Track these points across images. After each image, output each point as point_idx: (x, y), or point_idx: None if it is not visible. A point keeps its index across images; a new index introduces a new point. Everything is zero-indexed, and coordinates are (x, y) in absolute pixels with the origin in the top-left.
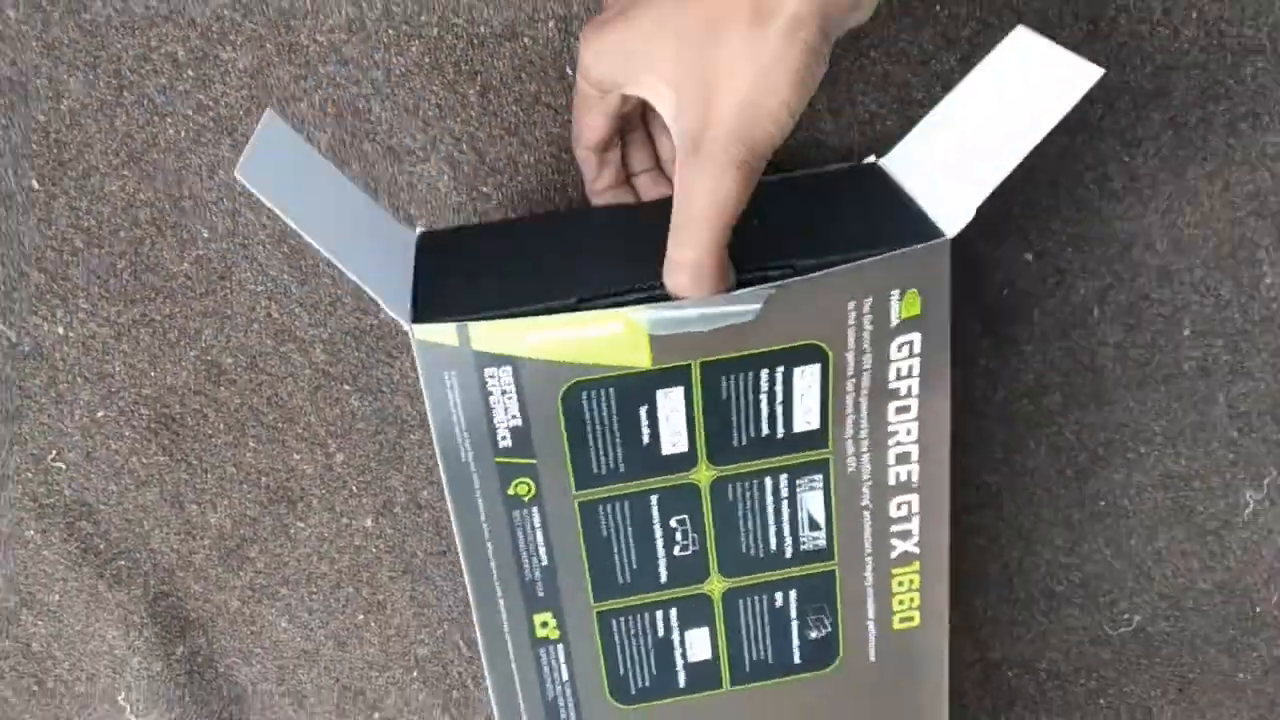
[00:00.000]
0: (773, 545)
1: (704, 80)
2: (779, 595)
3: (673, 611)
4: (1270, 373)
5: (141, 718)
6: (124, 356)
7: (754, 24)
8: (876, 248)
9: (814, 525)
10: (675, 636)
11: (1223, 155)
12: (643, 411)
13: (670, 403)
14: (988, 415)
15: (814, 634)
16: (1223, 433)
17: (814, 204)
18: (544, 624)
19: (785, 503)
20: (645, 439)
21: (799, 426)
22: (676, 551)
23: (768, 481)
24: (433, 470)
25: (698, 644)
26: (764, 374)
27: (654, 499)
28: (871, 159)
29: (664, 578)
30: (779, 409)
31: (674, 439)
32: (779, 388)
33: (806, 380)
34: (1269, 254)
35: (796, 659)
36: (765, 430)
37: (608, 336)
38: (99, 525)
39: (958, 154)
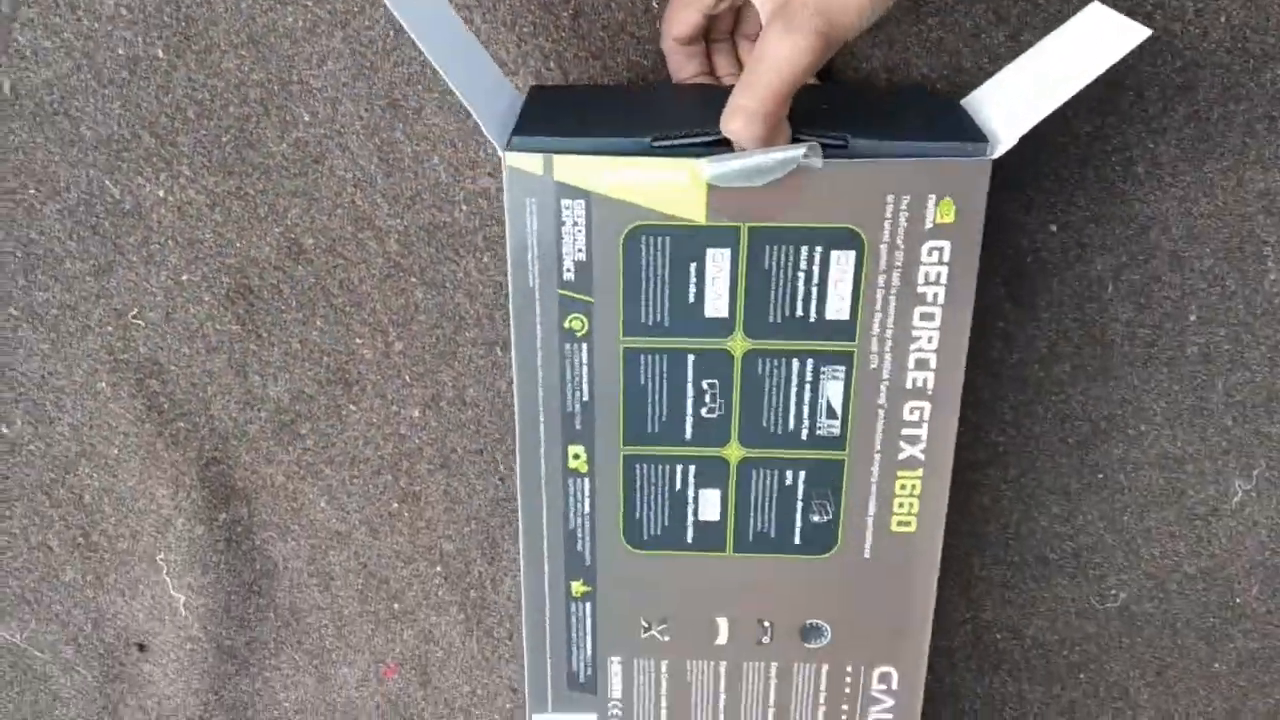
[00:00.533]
0: (791, 425)
1: None
2: (789, 474)
3: (691, 468)
4: (1267, 366)
5: (176, 578)
6: (214, 225)
7: None
8: (924, 147)
9: (831, 413)
10: (690, 493)
11: (1239, 152)
12: (693, 268)
13: (718, 264)
14: (1001, 376)
15: (816, 518)
16: (1219, 420)
17: (880, 103)
18: (576, 456)
19: (808, 387)
20: (691, 297)
21: (830, 314)
22: (704, 413)
23: (794, 363)
24: (482, 370)
25: (709, 504)
26: (804, 251)
27: (691, 359)
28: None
29: (689, 435)
30: (814, 290)
31: (717, 302)
32: (816, 268)
33: (842, 266)
34: (1274, 251)
35: (797, 539)
36: (799, 311)
37: (671, 182)
38: (166, 385)
39: (1016, 95)
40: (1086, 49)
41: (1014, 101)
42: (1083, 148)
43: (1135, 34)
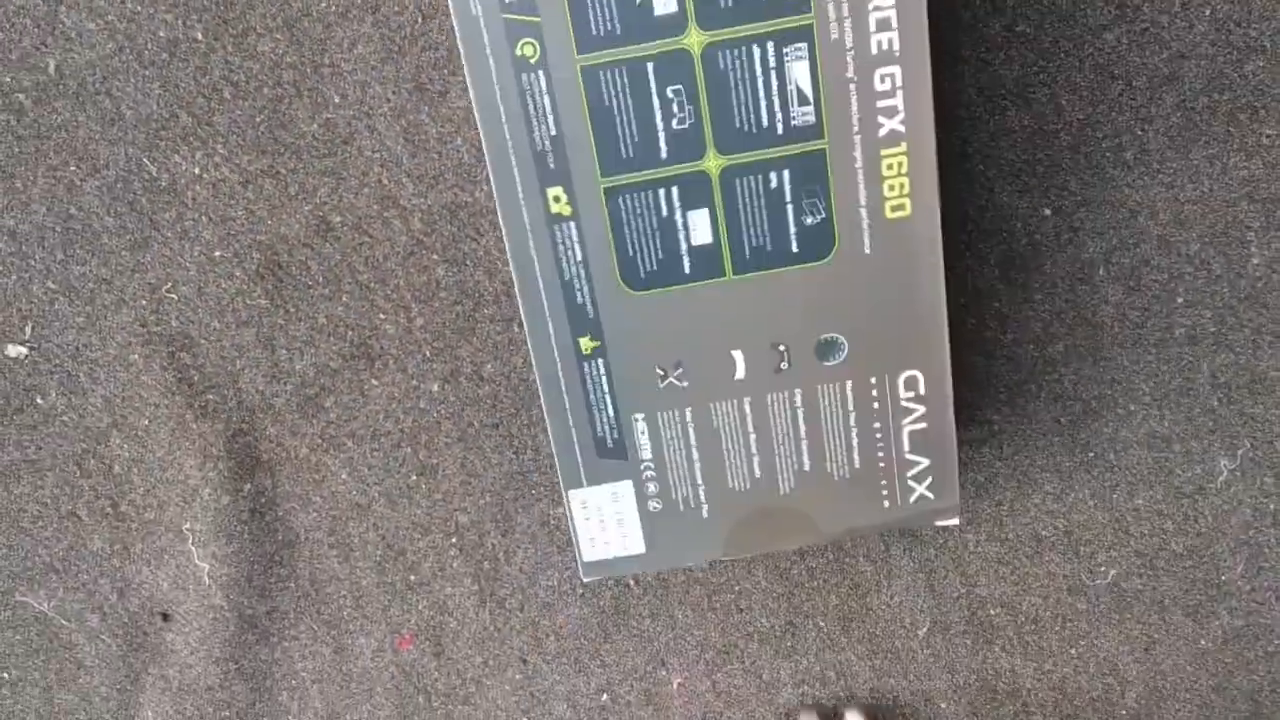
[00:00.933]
0: (764, 120)
1: None
2: (773, 175)
3: (674, 190)
4: (1250, 349)
5: (201, 548)
6: (247, 203)
7: None
8: None
9: (803, 99)
10: (678, 218)
11: (1223, 140)
12: None
13: None
14: (996, 356)
15: (809, 219)
16: (1204, 400)
17: None
18: (556, 199)
19: (774, 73)
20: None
21: None
22: (675, 124)
23: (755, 49)
24: (499, 345)
25: (699, 226)
26: None
27: (650, 66)
28: None
29: (664, 153)
30: None
31: None
32: None
33: None
34: (1258, 236)
35: (794, 247)
36: None
37: None
38: (196, 358)
39: None
40: None
41: None
42: (1074, 134)
43: None
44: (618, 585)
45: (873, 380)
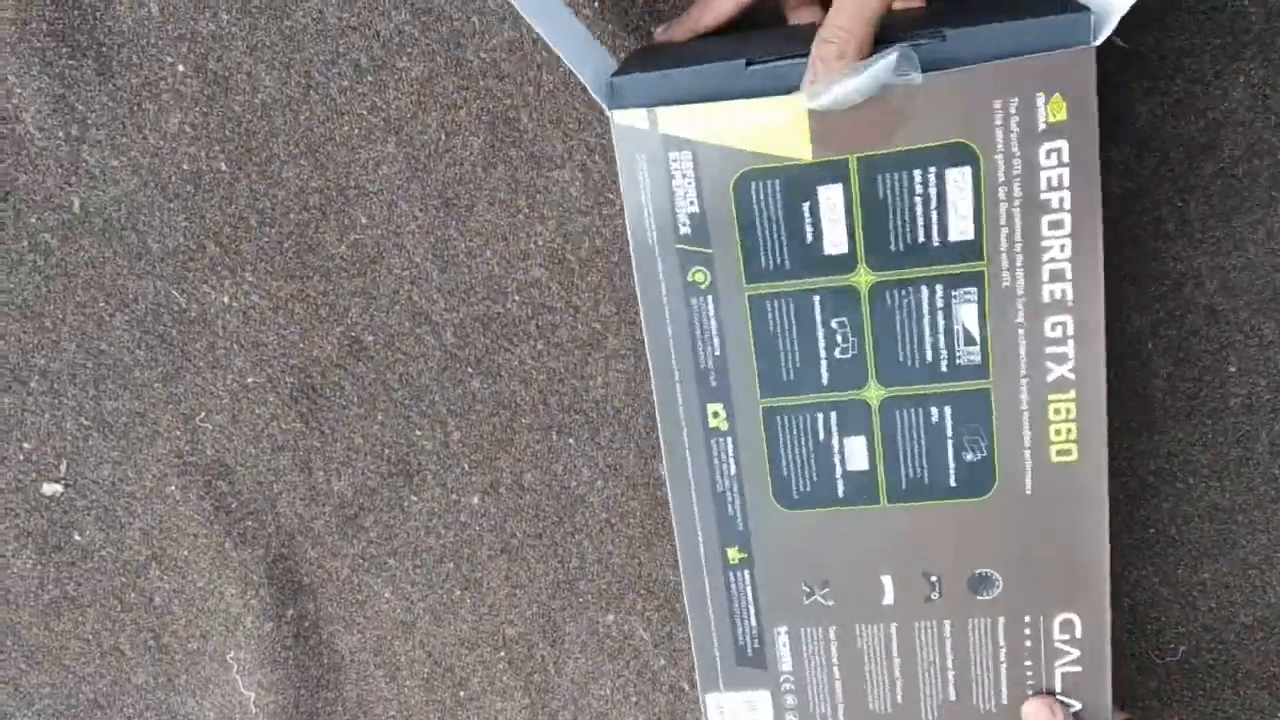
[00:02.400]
0: (929, 356)
1: None
2: (934, 410)
3: (833, 415)
4: None
5: (246, 676)
6: (278, 328)
7: None
8: (1022, 31)
9: (969, 339)
10: (835, 442)
11: (1266, 205)
12: (805, 208)
13: (831, 200)
14: None
15: (969, 455)
16: (1265, 469)
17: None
18: (715, 414)
19: (941, 313)
20: (808, 237)
21: (954, 235)
22: (837, 354)
23: (924, 290)
24: (538, 455)
25: (856, 453)
26: (918, 174)
27: (816, 299)
28: None
29: (825, 380)
30: (934, 214)
31: (835, 239)
32: (933, 190)
33: (959, 185)
34: None
35: (952, 481)
36: (921, 236)
37: (773, 122)
38: (234, 485)
39: None
40: None
41: None
42: (1113, 209)
43: None
44: (672, 691)
45: (1026, 619)
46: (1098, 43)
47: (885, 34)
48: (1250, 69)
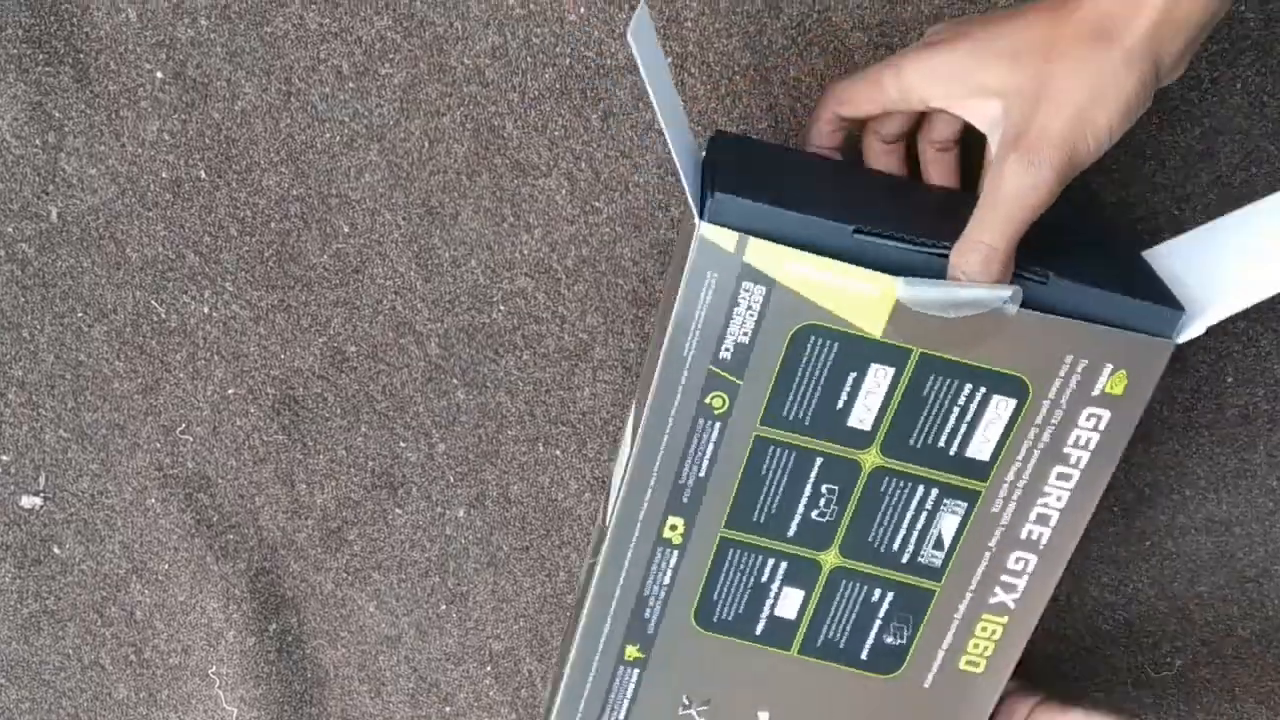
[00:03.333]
0: (895, 545)
1: (1036, 89)
2: (878, 591)
3: (783, 565)
4: None
5: (228, 691)
6: (259, 338)
7: (1095, 45)
8: (1122, 308)
9: (938, 544)
10: (774, 587)
11: None
12: (851, 378)
13: (878, 379)
14: None
15: (889, 639)
16: (1262, 480)
17: (1084, 240)
18: (673, 527)
19: (925, 514)
20: (840, 404)
21: (971, 453)
22: (814, 515)
23: (919, 488)
24: (525, 466)
25: (789, 602)
26: (967, 388)
27: (819, 460)
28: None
29: (792, 532)
30: (963, 427)
31: (863, 414)
32: (973, 407)
33: (999, 411)
34: None
35: (864, 654)
36: (942, 442)
37: (860, 292)
38: (215, 498)
39: (1211, 268)
40: None
41: (1208, 277)
42: (1108, 218)
43: None
44: None
45: None
46: (1180, 341)
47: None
48: (1247, 76)
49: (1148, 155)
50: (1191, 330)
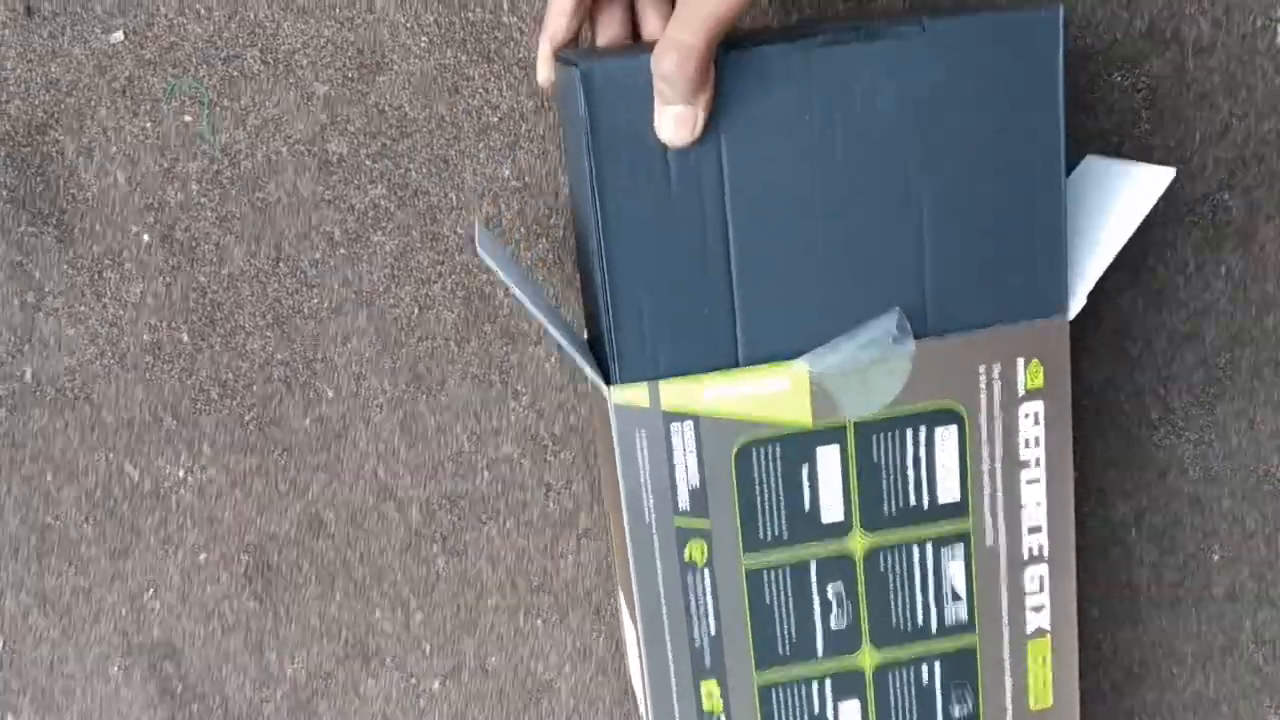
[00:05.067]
0: (920, 618)
1: None
2: (925, 669)
3: (828, 684)
4: None
5: None
6: (235, 503)
7: None
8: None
9: (956, 596)
10: (829, 710)
11: (1248, 395)
12: (804, 470)
13: (828, 462)
14: None
15: (957, 711)
16: (1249, 659)
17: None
18: (709, 694)
19: (931, 573)
20: (806, 504)
21: (943, 498)
22: (832, 623)
23: (915, 551)
24: (504, 637)
25: (850, 715)
26: (909, 434)
27: (813, 566)
28: None
29: (820, 650)
30: (924, 475)
31: (830, 504)
32: (923, 451)
33: (946, 444)
34: None
35: None
36: (913, 499)
37: (777, 391)
38: (180, 667)
39: (1082, 235)
40: (1112, 202)
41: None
42: (1096, 396)
43: (1161, 176)
44: None
45: None
46: (1072, 316)
47: (812, 30)
48: (1231, 260)
49: (1134, 336)
50: (1075, 303)
